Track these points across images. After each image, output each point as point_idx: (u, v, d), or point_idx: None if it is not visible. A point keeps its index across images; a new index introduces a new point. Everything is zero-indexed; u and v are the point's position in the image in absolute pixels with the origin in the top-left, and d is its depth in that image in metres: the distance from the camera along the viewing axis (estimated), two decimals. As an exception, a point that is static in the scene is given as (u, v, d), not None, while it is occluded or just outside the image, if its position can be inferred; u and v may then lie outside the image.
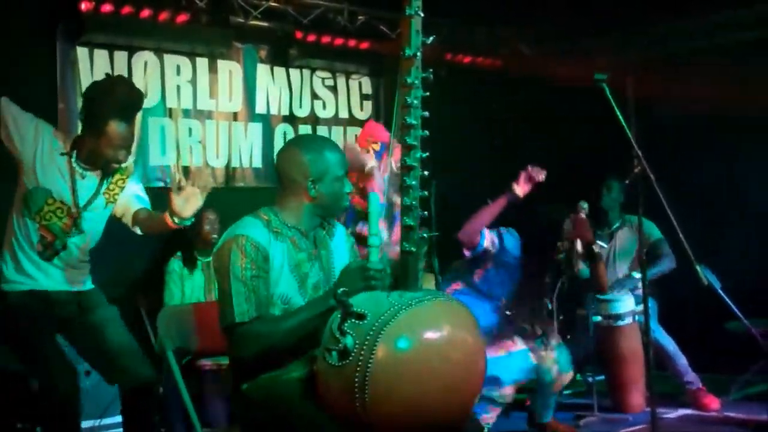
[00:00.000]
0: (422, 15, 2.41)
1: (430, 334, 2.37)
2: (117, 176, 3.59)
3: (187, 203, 3.26)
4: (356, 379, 2.27)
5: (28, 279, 3.50)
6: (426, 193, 2.44)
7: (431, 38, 2.42)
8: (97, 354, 3.56)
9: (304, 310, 2.62)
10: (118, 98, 3.44)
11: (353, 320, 2.32)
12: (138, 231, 3.59)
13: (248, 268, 2.59)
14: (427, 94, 2.41)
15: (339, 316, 2.35)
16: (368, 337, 2.29)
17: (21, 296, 3.48)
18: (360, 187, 3.94)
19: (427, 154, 2.42)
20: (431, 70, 2.38)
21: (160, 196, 3.66)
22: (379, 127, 4.42)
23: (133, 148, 3.74)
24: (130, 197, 3.60)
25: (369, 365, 2.26)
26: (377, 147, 4.09)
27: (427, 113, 2.42)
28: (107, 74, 4.10)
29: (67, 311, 3.55)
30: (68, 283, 3.56)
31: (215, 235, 4.94)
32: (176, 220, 3.29)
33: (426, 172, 2.42)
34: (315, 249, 2.78)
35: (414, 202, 2.41)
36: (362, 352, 2.28)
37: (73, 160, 3.48)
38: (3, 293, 3.50)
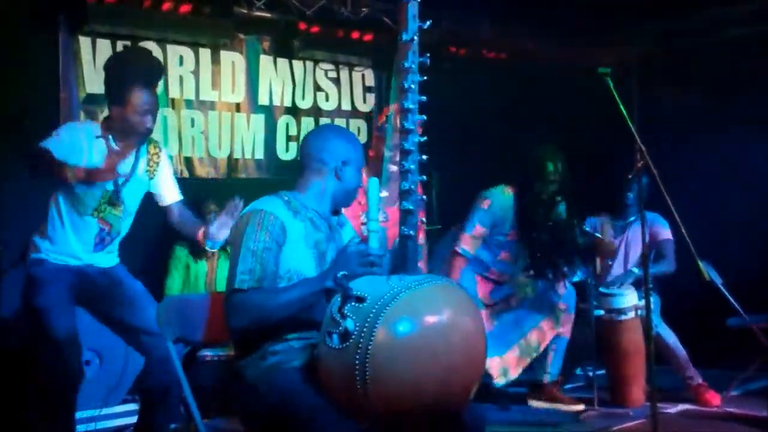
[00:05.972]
0: (419, 0, 2.42)
1: (431, 317, 2.36)
2: (151, 149, 3.71)
3: (222, 229, 3.49)
4: (356, 362, 2.27)
5: (68, 258, 3.61)
6: (425, 177, 2.43)
7: (428, 23, 2.43)
8: (122, 328, 3.69)
9: (299, 286, 2.63)
10: (137, 66, 3.59)
11: (353, 303, 2.33)
12: (169, 219, 3.79)
13: (262, 240, 2.61)
14: (424, 78, 2.41)
15: (339, 299, 2.36)
16: (368, 320, 2.29)
17: (54, 266, 3.58)
18: None
19: (425, 138, 2.42)
20: (428, 54, 2.38)
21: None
22: None
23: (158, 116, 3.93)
24: (168, 181, 3.79)
25: (369, 347, 2.26)
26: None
27: (424, 98, 2.41)
28: (125, 46, 4.22)
29: (97, 283, 3.66)
30: (103, 261, 3.70)
31: None
32: (209, 243, 3.61)
33: (425, 156, 2.41)
34: (330, 232, 2.82)
35: (412, 186, 2.40)
36: (362, 335, 2.28)
37: (110, 139, 3.56)
38: (37, 260, 3.60)
